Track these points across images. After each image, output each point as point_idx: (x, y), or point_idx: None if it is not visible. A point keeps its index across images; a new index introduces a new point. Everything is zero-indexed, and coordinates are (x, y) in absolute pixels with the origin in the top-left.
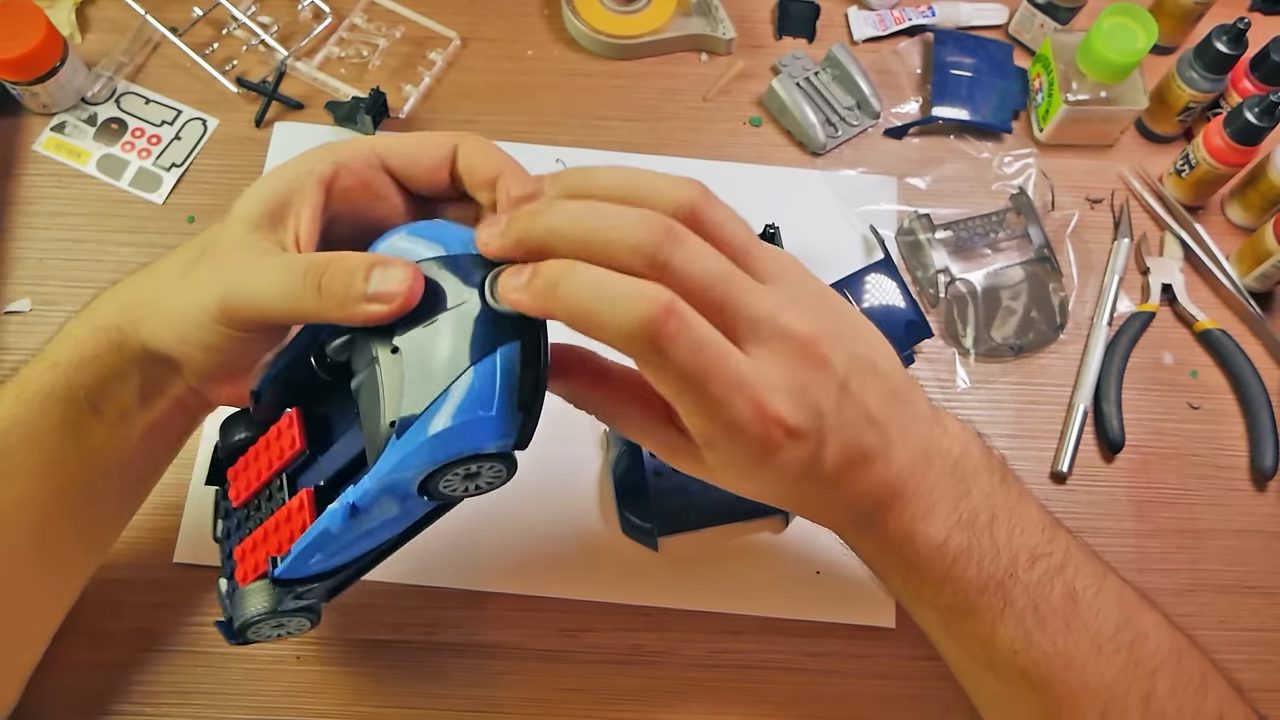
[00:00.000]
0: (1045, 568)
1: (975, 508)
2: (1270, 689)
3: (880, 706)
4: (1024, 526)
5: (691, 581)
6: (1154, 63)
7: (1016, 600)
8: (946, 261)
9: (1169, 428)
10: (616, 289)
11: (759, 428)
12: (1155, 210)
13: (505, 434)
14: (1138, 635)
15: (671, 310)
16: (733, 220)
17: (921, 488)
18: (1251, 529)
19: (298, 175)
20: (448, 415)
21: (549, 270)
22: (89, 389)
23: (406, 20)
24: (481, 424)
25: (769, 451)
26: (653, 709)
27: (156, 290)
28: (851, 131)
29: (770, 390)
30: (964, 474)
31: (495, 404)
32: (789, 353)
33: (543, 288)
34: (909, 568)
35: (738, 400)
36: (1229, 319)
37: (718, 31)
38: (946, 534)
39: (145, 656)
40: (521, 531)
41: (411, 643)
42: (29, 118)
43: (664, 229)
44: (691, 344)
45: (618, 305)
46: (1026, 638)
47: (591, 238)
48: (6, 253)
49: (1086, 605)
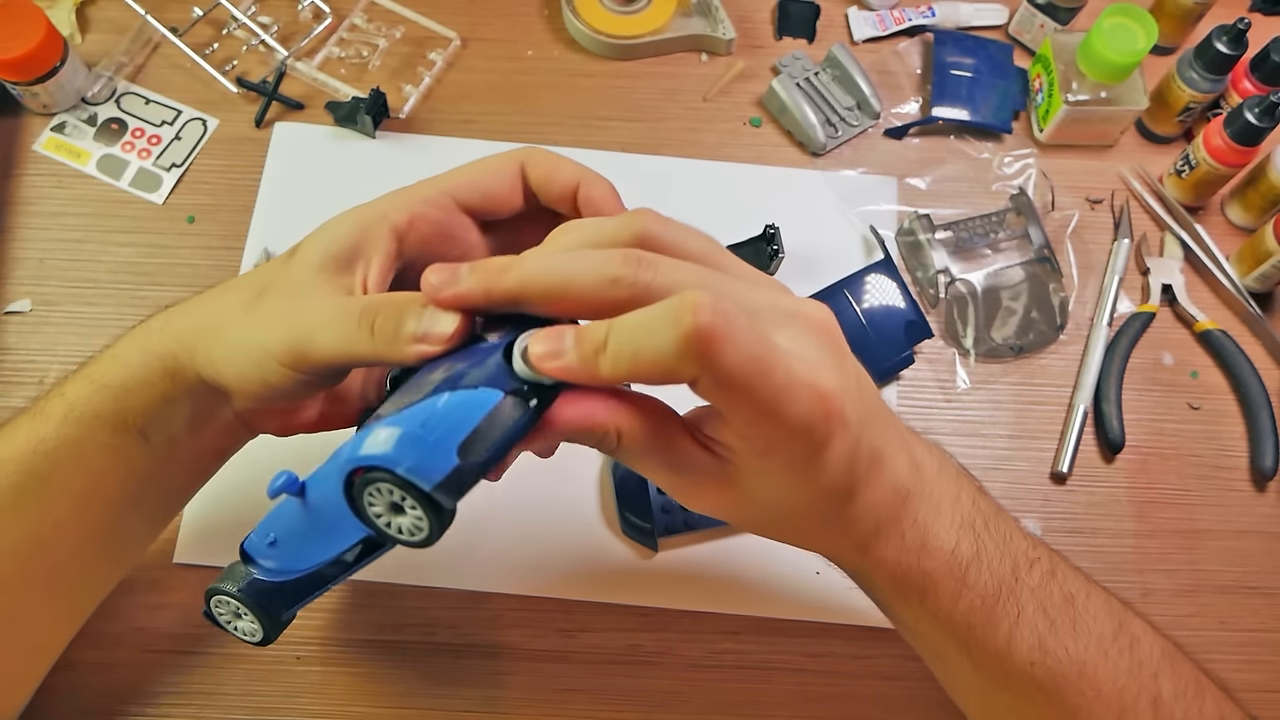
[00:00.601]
0: (1041, 571)
1: (968, 511)
2: (1270, 689)
3: (880, 707)
4: (1010, 532)
5: (691, 582)
6: (1154, 63)
7: (1027, 606)
8: (946, 262)
9: (1169, 428)
10: (653, 313)
11: (820, 411)
12: (1155, 211)
13: (427, 467)
14: (1133, 639)
15: (711, 305)
16: (691, 235)
17: (924, 488)
18: (1251, 529)
19: (371, 222)
20: (394, 424)
21: (592, 333)
22: (139, 414)
23: (406, 20)
24: (412, 444)
25: (823, 443)
26: (652, 709)
27: (216, 321)
28: (851, 132)
29: (818, 367)
30: (950, 477)
31: (435, 435)
32: (810, 330)
33: (591, 350)
34: (927, 581)
35: (798, 387)
36: (1229, 319)
37: (718, 32)
38: (956, 538)
39: (145, 656)
40: (521, 531)
41: (411, 643)
42: (29, 118)
43: (631, 258)
44: (741, 335)
45: (664, 325)
46: (1041, 646)
47: (564, 280)
48: (6, 253)
49: (1083, 608)
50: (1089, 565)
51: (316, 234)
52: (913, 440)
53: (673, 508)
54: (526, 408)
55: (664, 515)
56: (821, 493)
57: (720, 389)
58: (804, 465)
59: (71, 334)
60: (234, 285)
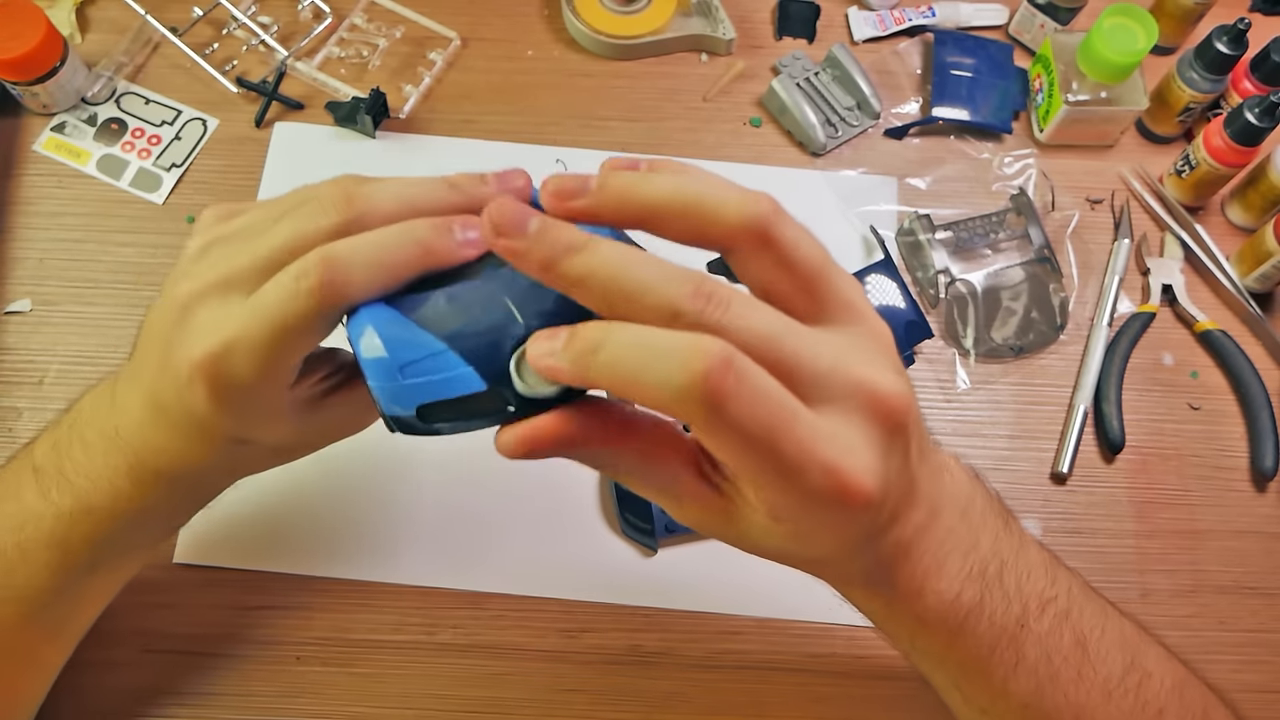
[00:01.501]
0: (1054, 613)
1: (984, 558)
2: (1270, 690)
3: (880, 707)
4: (1030, 571)
5: (691, 582)
6: (1154, 63)
7: (1029, 654)
8: (947, 262)
9: (1169, 428)
10: (665, 344)
11: (835, 495)
12: (1155, 211)
13: (388, 400)
14: (1144, 676)
15: (730, 363)
16: (805, 240)
17: (933, 541)
18: (1251, 530)
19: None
20: (387, 345)
21: (588, 333)
22: (146, 539)
23: (406, 20)
24: (386, 375)
25: (841, 522)
26: (652, 709)
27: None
28: (851, 132)
29: (847, 453)
30: (972, 522)
31: (408, 382)
32: (862, 410)
33: (582, 351)
34: (919, 625)
35: (812, 466)
36: (1229, 319)
37: (718, 32)
38: (959, 588)
39: (145, 657)
40: (521, 532)
41: (411, 643)
42: (29, 118)
43: (702, 294)
44: (755, 400)
45: (670, 361)
46: (1038, 691)
47: (628, 292)
48: (6, 253)
49: (1094, 650)
50: (1089, 565)
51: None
52: (945, 481)
53: None
54: (502, 411)
55: (664, 515)
56: (824, 554)
57: (718, 445)
58: (811, 535)
59: (71, 334)
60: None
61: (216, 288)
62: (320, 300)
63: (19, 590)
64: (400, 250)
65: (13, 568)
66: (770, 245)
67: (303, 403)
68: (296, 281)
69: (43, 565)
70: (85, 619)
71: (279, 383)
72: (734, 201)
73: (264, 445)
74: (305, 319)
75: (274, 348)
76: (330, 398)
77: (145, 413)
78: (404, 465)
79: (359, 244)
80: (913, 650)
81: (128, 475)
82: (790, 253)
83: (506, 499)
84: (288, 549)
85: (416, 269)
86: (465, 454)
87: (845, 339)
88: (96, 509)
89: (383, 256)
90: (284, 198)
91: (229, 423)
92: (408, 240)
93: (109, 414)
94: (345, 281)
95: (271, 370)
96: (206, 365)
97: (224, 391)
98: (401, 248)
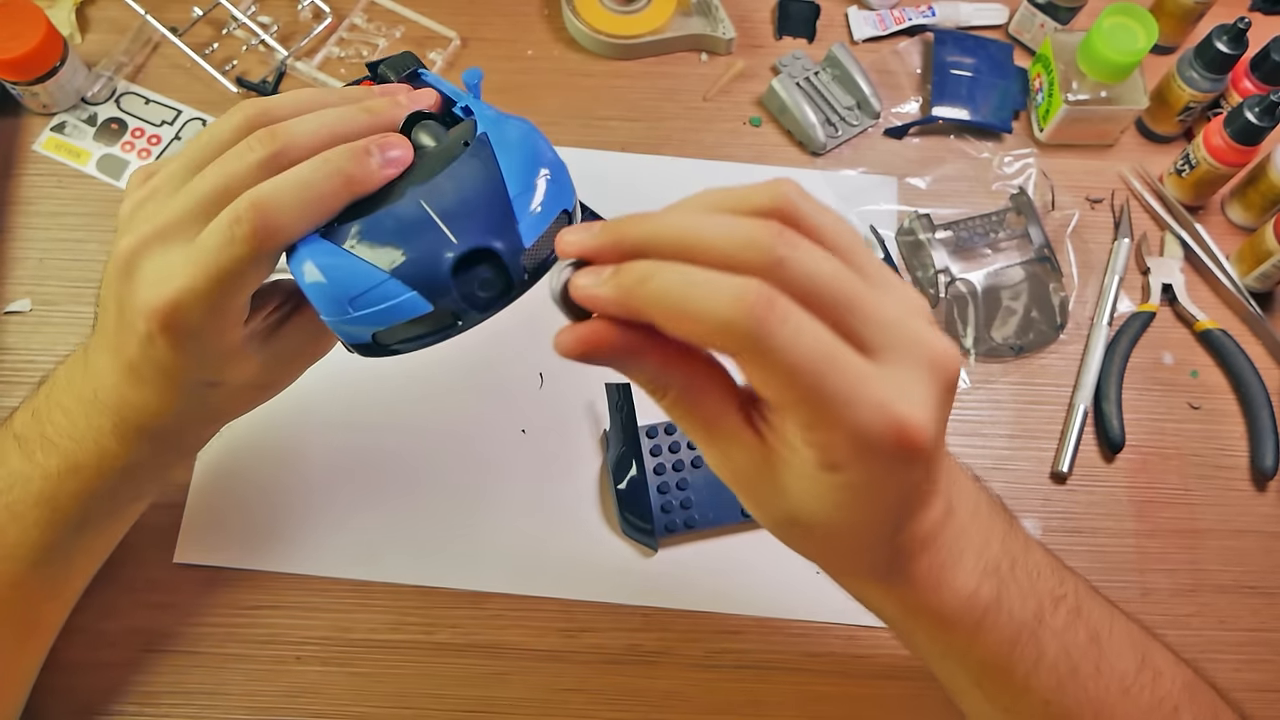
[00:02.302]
0: (1066, 610)
1: (997, 555)
2: (1270, 689)
3: (880, 706)
4: (1039, 570)
5: (691, 582)
6: (1154, 62)
7: (1049, 650)
8: (947, 261)
9: (1169, 428)
10: (713, 278)
11: (890, 434)
12: (1155, 210)
13: (343, 332)
14: (1156, 673)
15: (775, 298)
16: (833, 221)
17: (949, 537)
18: (1251, 529)
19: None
20: (331, 276)
21: (639, 267)
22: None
23: (406, 20)
24: (335, 309)
25: (891, 473)
26: (652, 709)
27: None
28: (851, 131)
29: (903, 397)
30: (982, 521)
31: (357, 314)
32: (922, 364)
33: (629, 282)
34: (938, 622)
35: (864, 402)
36: (1229, 319)
37: (718, 31)
38: (977, 583)
39: (144, 657)
40: (521, 531)
41: (410, 642)
42: (29, 118)
43: (774, 229)
44: (801, 331)
45: (717, 292)
46: (1060, 688)
47: (695, 240)
48: (6, 253)
49: (1108, 646)
50: (1089, 565)
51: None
52: (955, 481)
53: (672, 507)
54: (451, 325)
55: (664, 515)
56: (864, 521)
57: (764, 380)
58: (857, 489)
59: (71, 334)
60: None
61: (156, 238)
62: (256, 245)
63: (11, 549)
64: (326, 183)
65: (3, 527)
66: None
67: (259, 336)
68: (230, 229)
69: (33, 523)
70: (80, 578)
71: (231, 322)
72: (759, 194)
73: (234, 384)
74: (244, 262)
75: (220, 293)
76: (284, 327)
77: (117, 374)
78: (404, 465)
79: (285, 183)
80: (931, 651)
81: (113, 434)
82: (819, 234)
83: (506, 498)
84: (288, 549)
85: (344, 200)
86: (465, 453)
87: (901, 300)
88: (84, 467)
89: (309, 194)
90: (196, 140)
91: (193, 365)
92: (333, 172)
93: (84, 379)
94: (277, 225)
95: (221, 313)
96: (159, 317)
97: (181, 338)
98: (328, 179)
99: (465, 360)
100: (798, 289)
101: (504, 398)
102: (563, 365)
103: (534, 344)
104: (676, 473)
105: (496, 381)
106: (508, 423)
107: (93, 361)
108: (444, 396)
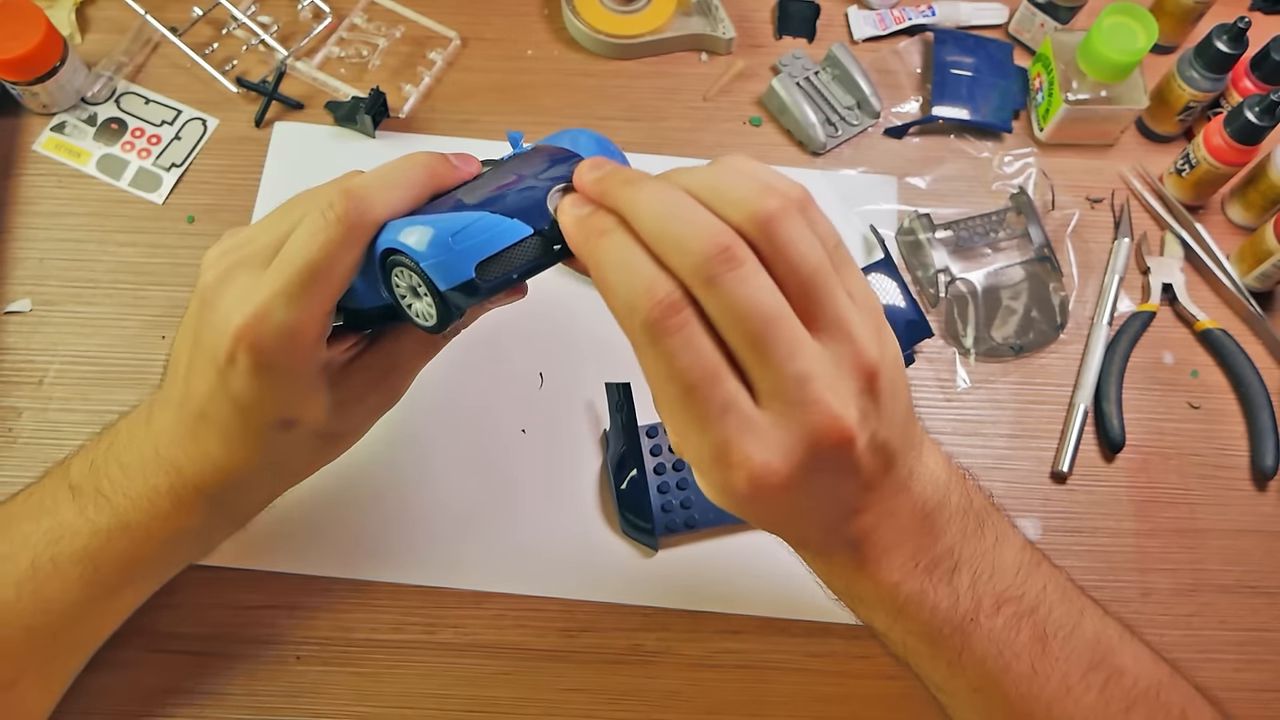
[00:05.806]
0: (1012, 612)
1: (937, 556)
2: (1271, 689)
3: (880, 707)
4: (993, 572)
5: (691, 581)
6: (1154, 62)
7: (976, 645)
8: (947, 261)
9: (1169, 427)
10: (638, 266)
11: (744, 483)
12: (1155, 210)
13: (447, 271)
14: (1112, 674)
15: (678, 311)
16: (805, 241)
17: (882, 536)
18: (1252, 529)
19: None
20: (431, 225)
21: (602, 220)
22: (177, 560)
23: (406, 20)
24: (441, 248)
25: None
26: (652, 709)
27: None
28: (851, 131)
29: (766, 448)
30: (934, 524)
31: (462, 246)
32: (804, 426)
33: (591, 227)
34: (858, 603)
35: (721, 424)
36: (1229, 318)
37: (718, 31)
38: (900, 578)
39: (145, 657)
40: (521, 531)
41: (411, 642)
42: (29, 118)
43: (728, 257)
44: (688, 350)
45: (633, 279)
46: (987, 677)
47: (659, 229)
48: (6, 253)
49: (1057, 647)
50: (1089, 564)
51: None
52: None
53: (673, 507)
54: (550, 250)
55: (664, 515)
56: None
57: (646, 373)
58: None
59: (71, 334)
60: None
61: (240, 267)
62: (349, 225)
63: (50, 603)
64: (411, 172)
65: (46, 580)
66: (768, 242)
67: (334, 370)
68: (323, 215)
69: (75, 580)
70: (105, 634)
71: (312, 338)
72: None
73: (306, 428)
74: (335, 245)
75: (308, 288)
76: (358, 361)
77: (182, 426)
78: (404, 465)
79: (373, 173)
80: (872, 623)
81: (169, 494)
82: (786, 251)
83: (506, 498)
84: (288, 549)
85: (427, 188)
86: (465, 453)
87: (831, 355)
88: (134, 527)
89: (397, 178)
90: (286, 203)
91: (268, 396)
92: (416, 165)
93: (145, 437)
94: (368, 205)
95: (303, 324)
96: (244, 331)
97: (262, 359)
98: (412, 169)
99: (465, 360)
100: (717, 309)
101: (504, 398)
102: (563, 365)
103: (534, 344)
104: (677, 472)
105: (496, 381)
106: (508, 423)
107: (156, 418)
108: (444, 396)
